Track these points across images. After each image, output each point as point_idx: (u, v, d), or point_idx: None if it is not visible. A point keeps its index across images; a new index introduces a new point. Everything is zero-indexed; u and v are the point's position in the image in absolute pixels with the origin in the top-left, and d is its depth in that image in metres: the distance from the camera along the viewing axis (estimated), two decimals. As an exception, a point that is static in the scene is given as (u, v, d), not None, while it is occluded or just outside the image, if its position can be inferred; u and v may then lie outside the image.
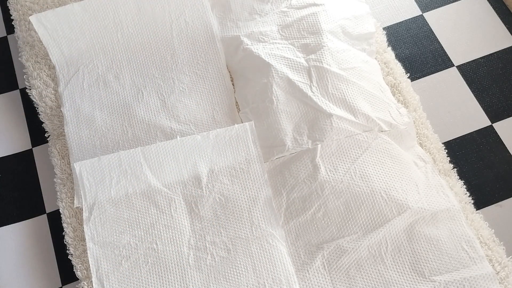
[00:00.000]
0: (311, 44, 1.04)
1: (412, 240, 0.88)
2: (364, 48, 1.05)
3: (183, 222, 0.90)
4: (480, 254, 0.86)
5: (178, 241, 0.89)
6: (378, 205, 0.90)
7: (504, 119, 1.06)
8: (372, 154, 0.94)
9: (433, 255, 0.87)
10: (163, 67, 1.08)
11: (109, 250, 0.86)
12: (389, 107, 0.99)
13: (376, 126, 0.96)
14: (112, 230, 0.87)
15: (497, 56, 1.11)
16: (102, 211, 0.88)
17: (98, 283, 0.86)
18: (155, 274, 0.86)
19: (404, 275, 0.86)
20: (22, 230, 1.00)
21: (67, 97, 1.05)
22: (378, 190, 0.91)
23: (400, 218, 0.89)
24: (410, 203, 0.90)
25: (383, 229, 0.88)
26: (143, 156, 0.95)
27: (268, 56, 1.05)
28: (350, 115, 0.98)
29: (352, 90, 0.99)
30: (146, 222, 0.88)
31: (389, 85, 1.05)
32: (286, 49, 1.05)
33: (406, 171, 0.93)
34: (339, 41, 1.05)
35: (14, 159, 1.06)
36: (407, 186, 0.91)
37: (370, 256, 0.87)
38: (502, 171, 1.01)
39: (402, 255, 0.87)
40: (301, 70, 1.02)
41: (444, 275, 0.85)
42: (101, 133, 1.01)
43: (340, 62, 1.02)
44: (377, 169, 0.93)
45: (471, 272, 0.85)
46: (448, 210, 0.90)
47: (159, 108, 1.04)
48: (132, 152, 0.92)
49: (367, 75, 1.01)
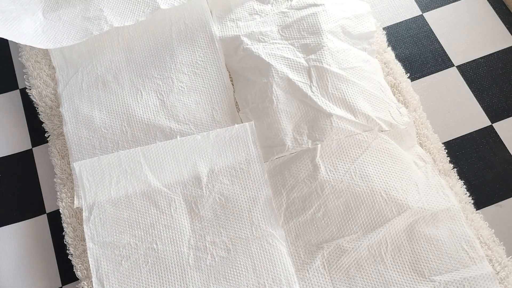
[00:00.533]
0: (311, 44, 1.04)
1: (412, 240, 0.88)
2: (365, 47, 1.05)
3: (183, 222, 0.90)
4: (480, 254, 0.86)
5: (178, 241, 0.89)
6: (378, 204, 0.90)
7: (504, 119, 1.05)
8: (372, 154, 0.95)
9: (433, 255, 0.87)
10: (162, 67, 1.08)
11: (109, 250, 0.86)
12: (389, 107, 0.99)
13: (376, 126, 0.96)
14: (112, 230, 0.86)
15: (497, 56, 1.11)
16: (102, 211, 0.88)
17: (98, 283, 0.86)
18: (155, 274, 0.86)
19: (404, 275, 0.86)
20: (22, 230, 0.99)
21: (66, 98, 1.04)
22: (378, 190, 0.91)
23: (400, 218, 0.89)
24: (410, 203, 0.90)
25: (383, 228, 0.88)
26: (143, 156, 0.95)
27: (268, 56, 1.05)
28: (350, 115, 0.98)
29: (352, 90, 1.00)
30: (146, 222, 0.88)
31: (389, 85, 1.05)
32: (286, 49, 1.05)
33: (406, 171, 0.93)
34: (339, 41, 1.05)
35: (14, 159, 1.06)
36: (407, 186, 0.91)
37: (370, 256, 0.87)
38: (502, 171, 1.01)
39: (402, 255, 0.87)
40: (301, 70, 1.02)
41: (444, 275, 0.85)
42: (100, 134, 1.01)
43: (340, 62, 1.02)
44: (377, 169, 0.93)
45: (471, 272, 0.85)
46: (448, 210, 0.90)
47: (158, 108, 1.04)
48: (132, 152, 0.92)
49: (367, 75, 1.01)
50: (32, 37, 1.05)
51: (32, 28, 1.07)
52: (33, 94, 1.07)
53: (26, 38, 1.05)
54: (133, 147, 0.99)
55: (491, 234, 0.91)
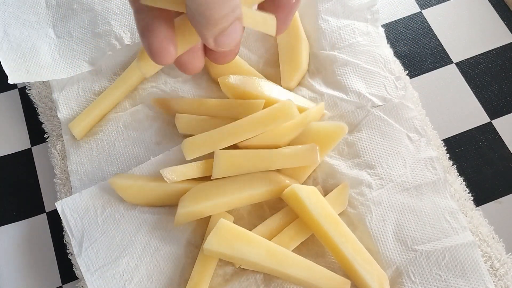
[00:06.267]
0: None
1: (395, 211, 0.88)
2: (367, 18, 1.03)
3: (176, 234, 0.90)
4: (463, 225, 0.87)
5: (177, 252, 0.88)
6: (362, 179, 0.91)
7: (503, 115, 1.05)
8: (360, 131, 0.95)
9: (416, 225, 0.87)
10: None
11: (109, 276, 0.84)
12: (385, 81, 0.98)
13: (368, 102, 0.96)
14: (107, 257, 0.85)
15: (496, 53, 1.11)
16: (93, 241, 0.86)
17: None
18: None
19: (387, 244, 0.86)
20: (21, 229, 1.00)
21: (62, 103, 1.03)
22: (363, 167, 0.92)
23: (384, 190, 0.89)
24: (393, 177, 0.90)
25: (368, 200, 0.89)
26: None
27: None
28: (342, 94, 0.98)
29: (344, 69, 0.99)
30: (141, 240, 0.86)
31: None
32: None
33: (395, 147, 0.93)
34: (335, 19, 1.04)
35: (13, 158, 1.06)
36: (394, 162, 0.92)
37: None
38: (501, 168, 1.00)
39: (386, 225, 0.87)
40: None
41: (426, 245, 0.85)
42: (97, 136, 1.01)
43: (335, 42, 1.02)
44: (364, 146, 0.93)
45: (453, 241, 0.85)
46: (433, 183, 0.90)
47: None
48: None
49: (365, 49, 1.00)
50: (52, 67, 1.03)
51: (49, 54, 1.05)
52: (32, 94, 1.07)
53: (47, 72, 1.02)
54: (129, 147, 0.99)
55: (491, 231, 0.91)
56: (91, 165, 0.98)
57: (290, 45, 1.02)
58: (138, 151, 0.99)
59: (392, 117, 0.96)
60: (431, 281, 0.83)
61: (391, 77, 0.99)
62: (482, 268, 0.84)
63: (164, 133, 1.00)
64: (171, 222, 0.89)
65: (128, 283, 0.85)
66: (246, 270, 0.88)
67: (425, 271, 0.84)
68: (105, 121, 1.02)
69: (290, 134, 0.92)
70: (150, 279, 0.85)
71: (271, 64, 1.05)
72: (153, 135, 1.00)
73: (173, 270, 0.86)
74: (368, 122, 0.95)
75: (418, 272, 0.84)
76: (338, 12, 1.05)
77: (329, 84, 1.00)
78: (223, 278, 0.87)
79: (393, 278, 0.85)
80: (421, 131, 0.94)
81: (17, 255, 0.98)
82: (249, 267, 0.86)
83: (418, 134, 0.94)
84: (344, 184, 0.91)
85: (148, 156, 0.98)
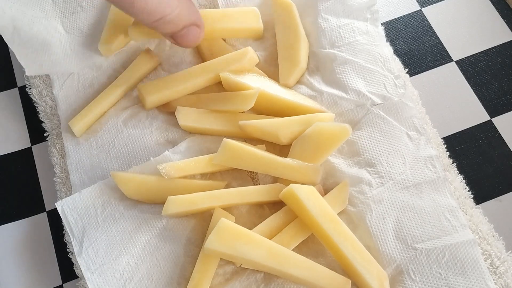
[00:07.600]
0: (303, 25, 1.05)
1: (395, 209, 0.88)
2: (367, 17, 1.03)
3: (177, 232, 0.90)
4: (462, 223, 0.86)
5: (177, 251, 0.88)
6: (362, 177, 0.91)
7: (503, 113, 1.05)
8: (360, 130, 0.95)
9: (416, 224, 0.87)
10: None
11: (109, 275, 0.84)
12: (384, 79, 0.98)
13: (368, 101, 0.96)
14: (107, 256, 0.84)
15: (496, 51, 1.11)
16: (93, 240, 0.86)
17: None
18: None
19: (387, 242, 0.86)
20: (21, 228, 1.00)
21: (62, 99, 1.03)
22: (363, 165, 0.92)
23: (384, 188, 0.89)
24: (393, 175, 0.90)
25: (368, 198, 0.89)
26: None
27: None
28: (342, 92, 0.98)
29: (344, 68, 0.99)
30: (141, 240, 0.86)
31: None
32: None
33: (394, 145, 0.93)
34: (335, 18, 1.04)
35: (13, 157, 1.06)
36: (393, 160, 0.91)
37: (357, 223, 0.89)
38: (501, 166, 1.00)
39: (386, 223, 0.87)
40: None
41: (426, 243, 0.85)
42: (97, 134, 1.01)
43: (334, 41, 1.02)
44: (364, 144, 0.93)
45: (452, 239, 0.85)
46: (433, 182, 0.90)
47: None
48: (111, 180, 0.91)
49: (364, 47, 1.00)
50: (65, 61, 1.03)
51: (60, 49, 1.04)
52: (32, 93, 1.07)
53: (60, 66, 1.03)
54: (129, 145, 0.99)
55: (491, 229, 0.91)
56: (90, 163, 0.98)
57: (289, 43, 1.02)
58: (138, 149, 0.99)
59: (392, 115, 0.95)
60: (431, 279, 0.83)
61: (390, 75, 0.99)
62: (482, 266, 0.83)
63: (163, 131, 1.01)
64: (171, 221, 0.89)
65: (129, 282, 0.85)
66: (246, 269, 0.88)
67: (425, 269, 0.84)
68: (105, 118, 1.02)
69: (291, 127, 0.92)
70: (150, 278, 0.85)
71: (271, 63, 1.06)
72: (152, 133, 1.00)
73: (173, 269, 0.86)
74: (368, 121, 0.95)
75: (418, 270, 0.84)
76: (338, 11, 1.04)
77: (329, 83, 1.00)
78: (224, 277, 0.88)
79: (393, 276, 0.85)
80: (421, 130, 0.94)
81: (18, 253, 0.98)
82: (249, 266, 0.86)
83: (417, 132, 0.94)
84: (344, 183, 0.91)
85: (147, 154, 0.98)
